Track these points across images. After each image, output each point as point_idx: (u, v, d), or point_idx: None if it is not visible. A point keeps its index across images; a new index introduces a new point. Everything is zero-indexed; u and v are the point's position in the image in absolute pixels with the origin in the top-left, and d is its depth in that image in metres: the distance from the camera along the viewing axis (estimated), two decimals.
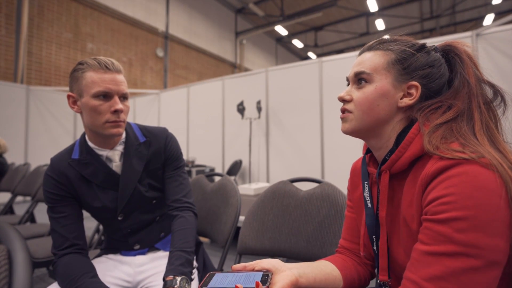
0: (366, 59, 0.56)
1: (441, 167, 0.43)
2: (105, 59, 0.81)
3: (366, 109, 0.55)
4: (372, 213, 0.57)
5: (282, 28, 11.09)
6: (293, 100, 4.27)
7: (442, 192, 0.42)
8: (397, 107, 0.54)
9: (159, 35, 8.69)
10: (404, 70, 0.54)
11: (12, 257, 0.52)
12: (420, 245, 0.44)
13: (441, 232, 0.41)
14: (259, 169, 4.61)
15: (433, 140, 0.47)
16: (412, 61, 0.54)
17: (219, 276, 0.50)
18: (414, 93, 0.53)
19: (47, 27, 6.22)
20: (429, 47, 0.56)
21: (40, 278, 1.95)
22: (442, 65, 0.55)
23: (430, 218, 0.43)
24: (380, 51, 0.56)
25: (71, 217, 0.84)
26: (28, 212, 2.05)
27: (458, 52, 0.55)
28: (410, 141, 0.51)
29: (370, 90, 0.54)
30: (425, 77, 0.53)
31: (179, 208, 0.93)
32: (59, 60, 6.45)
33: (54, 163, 0.86)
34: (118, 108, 0.80)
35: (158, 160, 0.95)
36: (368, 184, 0.60)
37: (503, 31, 2.91)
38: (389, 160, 0.52)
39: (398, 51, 0.55)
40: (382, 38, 0.58)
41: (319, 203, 0.94)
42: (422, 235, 0.44)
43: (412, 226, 0.48)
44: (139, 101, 6.46)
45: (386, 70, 0.54)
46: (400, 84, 0.54)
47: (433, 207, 0.42)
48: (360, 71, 0.56)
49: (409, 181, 0.50)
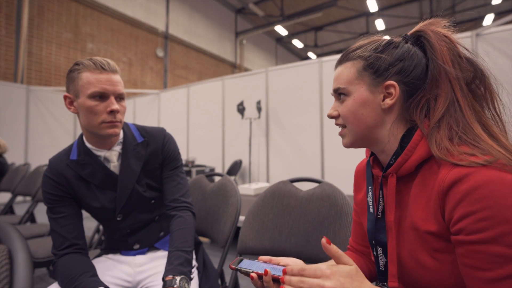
0: (339, 74, 0.57)
1: (460, 175, 0.41)
2: (101, 60, 0.81)
3: (353, 121, 0.55)
4: (373, 218, 0.57)
5: (282, 28, 11.09)
6: (293, 100, 4.27)
7: (475, 206, 0.39)
8: (382, 109, 0.54)
9: (159, 35, 8.69)
10: (375, 74, 0.53)
11: (13, 257, 0.52)
12: (478, 272, 0.40)
13: (496, 253, 0.38)
14: (259, 169, 4.61)
15: (441, 143, 0.46)
16: (380, 63, 0.53)
17: (247, 261, 0.55)
18: (393, 92, 0.52)
19: (47, 27, 6.22)
20: (396, 40, 0.55)
21: (40, 278, 1.95)
22: (414, 54, 0.53)
23: (474, 239, 0.40)
24: (348, 62, 0.56)
25: (71, 217, 0.84)
26: (28, 212, 2.05)
27: (426, 36, 0.53)
28: (416, 143, 0.50)
29: (350, 102, 0.55)
30: (399, 73, 0.52)
31: (178, 208, 0.93)
32: (59, 60, 6.45)
33: (53, 164, 0.86)
34: (114, 108, 0.80)
35: (156, 160, 0.95)
36: (372, 188, 0.59)
37: (503, 31, 2.91)
38: (395, 163, 0.51)
39: (364, 57, 0.54)
40: (349, 48, 0.58)
41: (319, 203, 0.94)
42: (474, 261, 0.40)
43: (419, 228, 0.47)
44: (139, 101, 6.46)
45: (358, 79, 0.54)
46: (376, 87, 0.53)
47: (470, 225, 0.40)
48: (336, 88, 0.57)
49: (417, 184, 0.50)
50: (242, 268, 0.51)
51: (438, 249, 0.46)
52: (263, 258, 0.56)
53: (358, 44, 0.57)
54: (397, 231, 0.53)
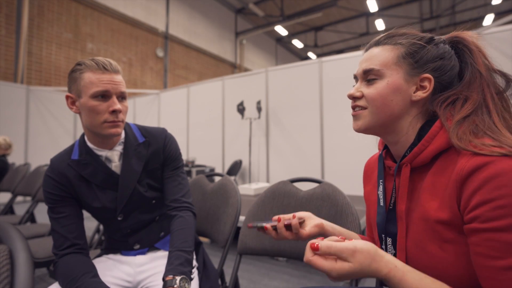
0: (375, 54, 0.55)
1: (480, 162, 0.41)
2: (103, 60, 0.81)
3: (380, 105, 0.54)
4: (383, 211, 0.57)
5: (282, 28, 11.09)
6: (293, 100, 4.27)
7: (494, 194, 0.39)
8: (411, 101, 0.53)
9: (159, 35, 8.69)
10: (416, 64, 0.53)
11: (14, 257, 0.52)
12: (489, 260, 0.40)
13: (510, 241, 0.38)
14: (259, 169, 4.61)
15: (463, 135, 0.46)
16: (422, 54, 0.53)
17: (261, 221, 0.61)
18: (427, 86, 0.53)
19: (47, 27, 6.22)
20: (437, 39, 0.55)
21: (41, 278, 1.95)
22: (452, 57, 0.54)
23: (488, 227, 0.40)
24: (388, 45, 0.55)
25: (71, 217, 0.84)
26: (28, 212, 2.05)
27: (466, 43, 0.54)
28: (434, 135, 0.50)
29: (382, 85, 0.54)
30: (437, 69, 0.53)
31: (178, 208, 0.93)
32: (59, 60, 6.45)
33: (54, 163, 0.86)
34: (116, 108, 0.81)
35: (157, 160, 0.95)
36: (383, 181, 0.59)
37: (503, 31, 2.91)
38: (411, 153, 0.52)
39: (408, 44, 0.54)
40: (390, 32, 0.57)
41: (319, 203, 0.94)
42: (486, 249, 0.40)
43: (431, 218, 0.47)
44: (139, 101, 6.47)
45: (396, 65, 0.53)
46: (412, 77, 0.53)
47: (486, 213, 0.40)
48: (369, 68, 0.55)
49: (432, 174, 0.50)
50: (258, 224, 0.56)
51: (448, 239, 0.46)
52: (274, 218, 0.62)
53: (401, 31, 0.57)
54: (406, 222, 0.53)
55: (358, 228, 0.84)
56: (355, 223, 0.85)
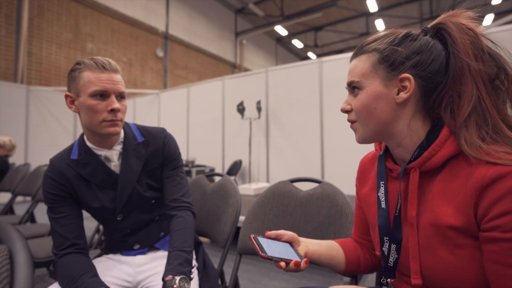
0: (354, 66, 0.56)
1: (501, 172, 0.41)
2: (102, 59, 0.81)
3: (366, 115, 0.54)
4: (385, 214, 0.56)
5: (282, 28, 11.09)
6: (293, 100, 4.27)
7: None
8: (396, 104, 0.52)
9: (159, 35, 8.69)
10: (391, 67, 0.52)
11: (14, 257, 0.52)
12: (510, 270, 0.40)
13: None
14: (259, 169, 4.61)
15: (472, 142, 0.45)
16: (396, 56, 0.51)
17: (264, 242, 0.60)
18: (408, 85, 0.51)
19: (47, 27, 6.22)
20: (415, 33, 0.53)
21: (40, 278, 1.95)
22: (433, 47, 0.51)
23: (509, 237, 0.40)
24: (364, 55, 0.55)
25: (71, 217, 0.84)
26: (28, 212, 2.05)
27: (447, 29, 0.51)
28: (445, 139, 0.49)
29: (363, 96, 0.54)
30: (415, 66, 0.51)
31: (177, 207, 0.93)
32: (59, 60, 6.45)
33: (53, 163, 0.86)
34: (115, 107, 0.81)
35: (157, 160, 0.95)
36: (385, 184, 0.58)
37: (503, 31, 2.92)
38: (421, 157, 0.50)
39: (380, 50, 0.53)
40: (364, 41, 0.57)
41: (319, 203, 0.94)
42: (507, 258, 0.40)
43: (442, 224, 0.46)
44: (139, 101, 6.47)
45: (373, 72, 0.53)
46: (391, 81, 0.52)
47: (509, 223, 0.39)
48: (350, 81, 0.56)
49: (442, 180, 0.49)
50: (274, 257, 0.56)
51: (460, 245, 0.45)
52: (270, 234, 0.62)
53: (374, 36, 0.56)
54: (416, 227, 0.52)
55: None
56: None
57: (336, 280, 2.01)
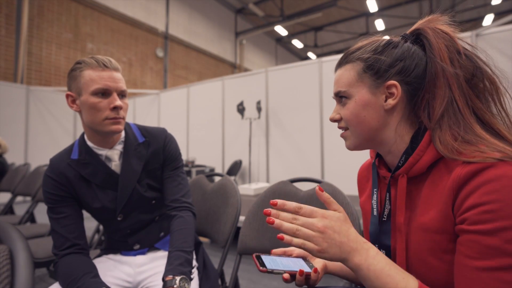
0: (340, 76, 0.57)
1: (475, 169, 0.41)
2: (103, 58, 0.82)
3: (356, 123, 0.55)
4: (376, 221, 0.56)
5: (282, 28, 11.09)
6: (293, 100, 4.27)
7: (484, 198, 0.39)
8: (385, 111, 0.53)
9: (159, 35, 8.69)
10: (376, 75, 0.53)
11: (14, 257, 0.52)
12: (467, 260, 0.41)
13: (489, 245, 0.39)
14: (259, 169, 4.61)
15: (445, 143, 0.46)
16: (379, 64, 0.52)
17: (267, 258, 0.57)
18: (395, 92, 0.52)
19: (47, 27, 6.22)
20: (395, 40, 0.54)
21: (40, 278, 1.95)
22: (414, 53, 0.52)
23: (473, 229, 0.40)
24: (348, 64, 0.56)
25: (71, 218, 0.84)
26: (28, 212, 2.05)
27: (425, 34, 0.53)
28: (428, 143, 0.49)
29: (352, 105, 0.54)
30: (400, 72, 0.52)
31: (178, 208, 0.93)
32: (59, 60, 6.45)
33: (54, 163, 0.86)
34: (117, 104, 0.81)
35: (157, 160, 0.95)
36: (378, 191, 0.58)
37: (503, 32, 2.92)
38: (407, 163, 0.51)
39: (363, 59, 0.54)
40: (347, 50, 0.57)
41: (319, 203, 0.94)
42: (467, 249, 0.41)
43: (430, 229, 0.47)
44: (139, 101, 6.47)
45: (359, 81, 0.54)
46: (377, 88, 0.53)
47: (474, 216, 0.40)
48: (337, 91, 0.56)
49: (428, 184, 0.49)
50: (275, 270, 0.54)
51: (447, 250, 0.45)
52: (277, 251, 0.60)
53: (357, 46, 0.57)
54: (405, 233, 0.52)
55: (358, 228, 0.84)
56: (355, 223, 0.85)
57: (336, 280, 2.01)
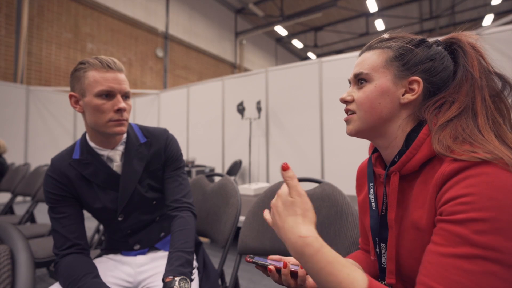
0: (365, 59, 0.56)
1: (458, 167, 0.42)
2: (107, 58, 0.81)
3: (368, 108, 0.54)
4: (376, 215, 0.56)
5: (282, 28, 11.09)
6: (293, 100, 4.27)
7: (461, 191, 0.40)
8: (400, 104, 0.53)
9: (159, 35, 8.69)
10: (403, 66, 0.53)
11: (15, 257, 0.52)
12: (434, 246, 0.41)
13: (457, 233, 0.39)
14: (259, 169, 4.61)
15: (443, 140, 0.46)
16: (411, 57, 0.53)
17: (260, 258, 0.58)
18: (416, 88, 0.52)
19: (47, 27, 6.22)
20: (430, 41, 0.55)
21: (41, 278, 1.95)
22: (445, 57, 0.53)
23: (446, 218, 0.41)
24: (378, 49, 0.56)
25: (72, 218, 0.84)
26: (28, 212, 2.05)
27: (461, 44, 0.53)
28: (421, 142, 0.50)
29: (370, 89, 0.54)
30: (427, 71, 0.52)
31: (178, 208, 0.93)
32: (59, 60, 6.45)
33: (55, 163, 0.86)
34: (121, 106, 0.81)
35: (158, 161, 0.95)
36: (374, 185, 0.59)
37: (503, 32, 2.92)
38: (399, 161, 0.51)
39: (396, 47, 0.54)
40: (381, 37, 0.58)
41: (319, 203, 0.94)
42: (437, 237, 0.41)
43: (421, 227, 0.47)
44: (139, 101, 6.47)
45: (385, 68, 0.54)
46: (401, 80, 0.53)
47: (449, 207, 0.40)
48: (359, 72, 0.56)
49: (420, 183, 0.49)
50: (259, 261, 0.54)
51: None
52: (273, 257, 0.60)
53: (392, 35, 0.57)
54: (398, 230, 0.52)
55: (358, 228, 0.84)
56: (355, 223, 0.85)
57: None
